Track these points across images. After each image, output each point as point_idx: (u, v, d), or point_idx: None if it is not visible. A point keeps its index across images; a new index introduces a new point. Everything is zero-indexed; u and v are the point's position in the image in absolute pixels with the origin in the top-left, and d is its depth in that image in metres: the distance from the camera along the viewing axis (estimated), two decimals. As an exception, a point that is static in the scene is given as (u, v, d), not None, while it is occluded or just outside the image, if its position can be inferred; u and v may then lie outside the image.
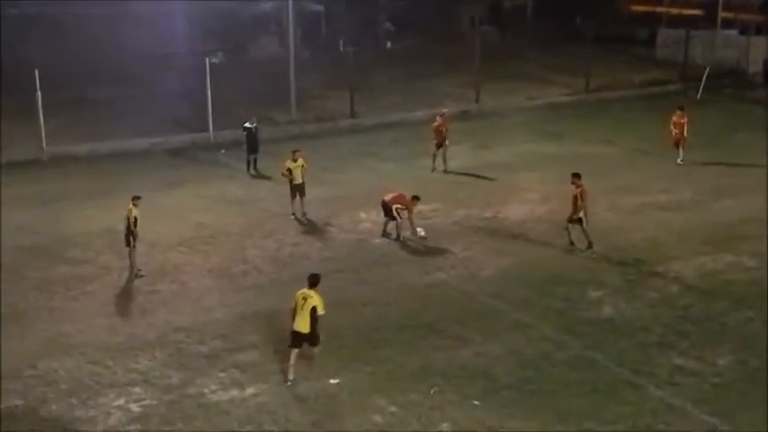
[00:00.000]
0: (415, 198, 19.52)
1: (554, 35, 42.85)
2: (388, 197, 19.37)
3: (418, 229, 19.38)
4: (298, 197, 20.70)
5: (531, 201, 21.76)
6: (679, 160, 24.72)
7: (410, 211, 19.23)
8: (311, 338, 13.31)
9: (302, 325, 13.18)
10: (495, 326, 15.29)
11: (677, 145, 24.76)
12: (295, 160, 20.77)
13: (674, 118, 24.88)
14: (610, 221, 20.43)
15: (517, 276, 17.41)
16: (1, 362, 13.84)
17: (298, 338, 13.31)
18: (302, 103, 31.02)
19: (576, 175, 18.52)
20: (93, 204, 21.83)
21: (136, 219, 17.22)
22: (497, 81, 34.38)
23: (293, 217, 20.67)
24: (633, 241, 19.17)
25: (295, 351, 13.38)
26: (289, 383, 13.37)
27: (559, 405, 12.84)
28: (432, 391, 13.17)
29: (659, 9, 44.93)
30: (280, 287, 16.86)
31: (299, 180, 20.63)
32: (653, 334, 14.97)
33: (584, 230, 18.51)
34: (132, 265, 17.46)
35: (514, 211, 21.15)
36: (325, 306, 13.22)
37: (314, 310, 13.10)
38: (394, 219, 19.30)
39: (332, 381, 13.48)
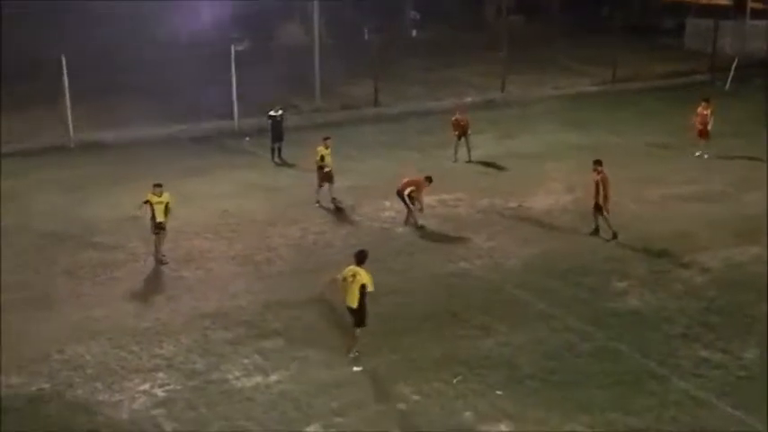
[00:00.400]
0: (428, 179, 19.55)
1: (581, 25, 42.49)
2: (400, 185, 19.39)
3: (419, 220, 19.48)
4: (326, 185, 20.71)
5: (556, 190, 21.65)
6: (697, 153, 24.29)
7: (419, 191, 19.32)
8: (358, 317, 13.57)
9: (351, 300, 13.47)
10: (520, 316, 15.25)
11: (701, 137, 24.42)
12: (327, 147, 20.79)
13: (699, 109, 24.50)
14: (635, 212, 20.29)
15: (542, 266, 17.35)
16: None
17: (351, 313, 13.63)
18: (327, 91, 31.02)
19: (598, 162, 18.50)
20: (119, 191, 21.97)
21: (157, 206, 17.38)
22: (523, 70, 34.18)
23: (318, 204, 20.70)
24: (659, 232, 19.03)
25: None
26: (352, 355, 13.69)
27: (583, 396, 12.80)
28: (455, 380, 13.18)
29: (688, -1, 44.45)
30: (303, 275, 16.94)
31: (330, 167, 20.66)
32: (678, 326, 14.87)
33: (605, 219, 18.42)
34: (157, 251, 17.60)
35: (539, 201, 21.06)
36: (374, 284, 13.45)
37: (363, 287, 13.35)
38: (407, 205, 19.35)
39: (355, 368, 13.52)
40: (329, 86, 31.33)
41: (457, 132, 24.24)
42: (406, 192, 19.29)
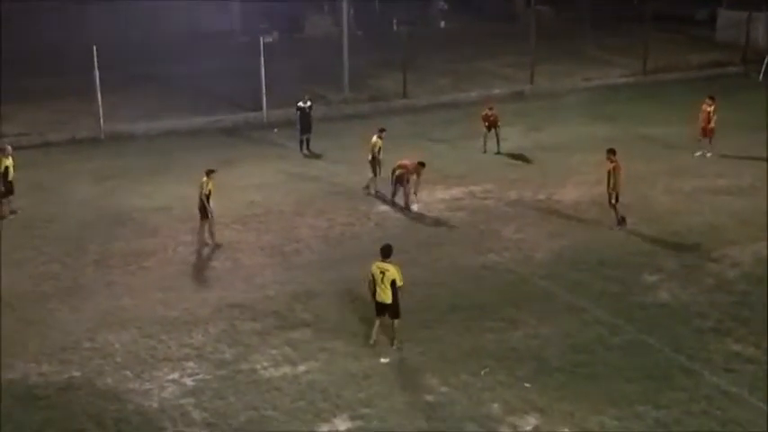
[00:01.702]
0: (421, 164, 19.76)
1: (611, 15, 42.09)
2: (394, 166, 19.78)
3: (413, 206, 19.67)
4: (375, 174, 20.77)
5: (585, 183, 21.47)
6: (697, 153, 23.43)
7: (416, 175, 19.69)
8: (394, 310, 13.68)
9: (384, 296, 13.57)
10: (548, 308, 15.17)
11: (704, 135, 23.42)
12: (382, 138, 20.77)
13: (703, 106, 23.41)
14: (666, 205, 20.09)
15: (571, 259, 17.24)
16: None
17: (382, 308, 13.71)
18: (355, 82, 30.99)
19: (611, 151, 18.62)
20: (149, 181, 22.16)
21: (210, 192, 17.65)
22: (552, 62, 33.91)
23: (368, 193, 20.79)
24: (690, 225, 18.83)
25: (378, 320, 13.81)
26: (371, 342, 13.78)
27: (612, 389, 12.71)
28: (483, 372, 13.14)
29: (720, -11, 43.75)
30: (331, 266, 16.96)
31: (381, 157, 20.72)
32: (709, 320, 14.71)
33: (614, 206, 18.48)
34: (200, 238, 17.85)
35: (568, 194, 20.91)
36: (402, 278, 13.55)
37: (394, 282, 13.46)
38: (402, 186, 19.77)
39: (383, 360, 13.53)
40: (357, 78, 31.30)
41: (486, 124, 24.15)
42: (396, 174, 19.57)
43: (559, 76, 33.56)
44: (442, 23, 45.37)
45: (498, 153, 24.10)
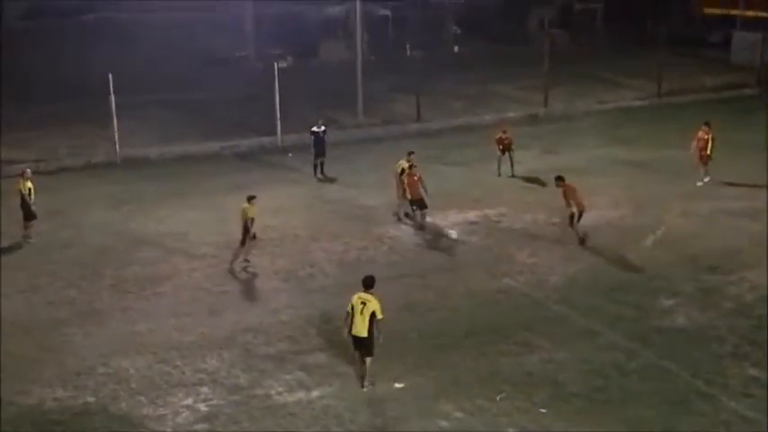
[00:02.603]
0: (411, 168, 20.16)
1: (625, 38, 42.16)
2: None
3: (450, 231, 19.63)
4: (404, 200, 20.70)
5: (600, 206, 21.37)
6: (699, 182, 22.89)
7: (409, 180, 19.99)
8: (367, 346, 13.21)
9: (360, 329, 13.12)
10: (564, 333, 15.07)
11: (701, 162, 22.89)
12: (409, 161, 20.79)
13: (699, 134, 22.94)
14: (683, 228, 19.98)
15: (586, 283, 17.14)
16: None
17: (356, 343, 13.32)
18: (369, 106, 31.11)
19: (559, 178, 19.18)
20: (164, 206, 22.25)
21: (252, 218, 17.80)
22: (566, 85, 33.96)
23: (396, 218, 20.74)
24: (707, 248, 18.70)
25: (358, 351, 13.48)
26: (366, 388, 13.39)
27: (629, 415, 12.58)
28: (498, 397, 13.05)
29: (734, 11, 43.73)
30: (346, 290, 16.74)
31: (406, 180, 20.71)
32: (727, 344, 14.57)
33: (573, 226, 18.93)
34: (236, 256, 18.07)
35: (584, 217, 20.74)
36: (383, 310, 13.20)
37: (373, 314, 13.05)
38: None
39: (397, 385, 13.46)
40: (371, 102, 31.42)
41: (500, 147, 24.16)
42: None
43: (573, 98, 33.60)
44: (456, 48, 45.56)
45: (513, 176, 24.08)
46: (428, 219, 20.41)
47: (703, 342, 14.66)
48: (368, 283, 13.34)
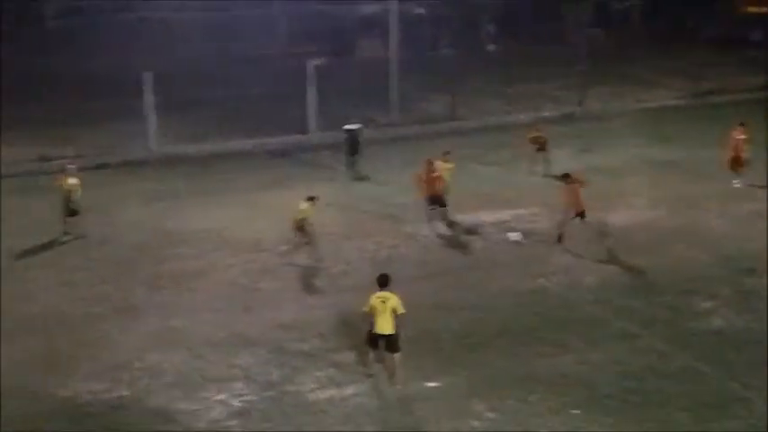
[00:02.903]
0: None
1: (663, 37, 41.68)
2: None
3: (512, 234, 19.43)
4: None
5: (636, 206, 21.20)
6: (735, 183, 22.50)
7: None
8: (394, 342, 13.19)
9: (386, 327, 13.11)
10: (598, 334, 14.93)
11: (735, 165, 22.50)
12: (446, 161, 20.78)
13: (733, 134, 22.52)
14: (721, 229, 19.73)
15: (621, 284, 16.99)
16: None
17: (381, 341, 13.28)
18: (404, 105, 31.10)
19: (567, 176, 19.12)
20: (199, 203, 22.43)
21: (304, 218, 17.99)
22: (603, 84, 33.69)
23: (442, 217, 20.63)
24: (744, 250, 18.43)
25: (373, 352, 13.47)
26: (398, 385, 13.37)
27: (664, 417, 12.44)
28: (531, 398, 12.96)
29: (776, 10, 43.11)
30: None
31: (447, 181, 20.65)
32: (764, 347, 14.32)
33: (562, 222, 18.84)
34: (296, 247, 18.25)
35: (619, 217, 20.63)
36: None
37: (394, 311, 13.08)
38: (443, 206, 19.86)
39: (430, 384, 13.42)
40: (406, 100, 31.41)
41: (535, 147, 24.03)
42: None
43: (610, 98, 33.32)
44: (491, 46, 45.38)
45: (548, 176, 23.92)
46: (462, 217, 20.36)
47: (740, 345, 14.45)
48: (383, 282, 13.36)
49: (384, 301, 13.10)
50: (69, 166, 20.45)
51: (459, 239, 19.69)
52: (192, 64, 36.46)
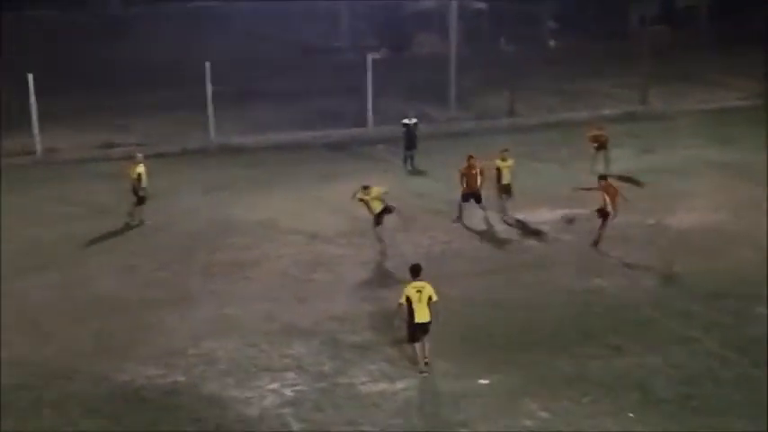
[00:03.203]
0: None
1: (730, 36, 40.71)
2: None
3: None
4: (504, 197, 20.58)
5: (697, 209, 20.76)
6: None
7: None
8: (429, 329, 13.43)
9: (424, 315, 13.31)
10: (655, 337, 14.66)
11: None
12: (504, 159, 20.66)
13: None
14: (784, 234, 19.20)
15: (680, 287, 16.65)
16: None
17: (420, 330, 13.41)
18: (462, 100, 30.95)
19: (603, 177, 18.92)
20: (255, 193, 22.63)
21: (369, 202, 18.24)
22: (666, 83, 33.04)
23: (509, 221, 20.52)
24: (810, 257, 17.91)
25: (418, 343, 13.50)
26: (425, 374, 13.39)
27: (721, 425, 12.16)
28: (585, 400, 12.78)
29: None
30: (431, 284, 16.81)
31: (506, 180, 20.50)
32: (828, 357, 13.94)
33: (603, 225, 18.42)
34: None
35: (679, 219, 20.23)
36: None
37: (430, 298, 13.28)
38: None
39: (482, 381, 13.33)
40: (464, 96, 31.25)
41: (595, 145, 23.69)
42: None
43: (673, 97, 32.69)
44: (552, 42, 44.88)
45: (607, 175, 23.51)
46: (519, 216, 20.19)
47: (803, 353, 14.07)
48: (416, 271, 13.58)
49: (419, 291, 13.31)
50: (138, 155, 20.72)
51: (514, 237, 19.51)
52: (253, 55, 36.76)
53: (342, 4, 42.65)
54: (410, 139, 24.77)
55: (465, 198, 20.20)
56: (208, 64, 27.03)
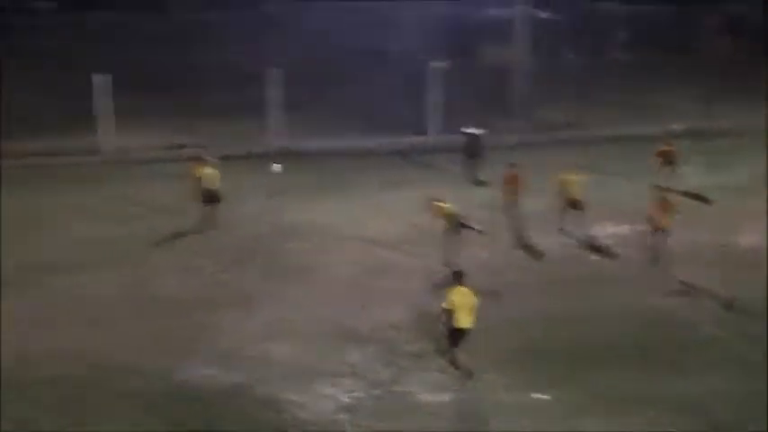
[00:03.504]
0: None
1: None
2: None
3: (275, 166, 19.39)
4: (571, 212, 20.38)
5: (765, 228, 20.22)
6: None
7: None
8: (468, 334, 13.46)
9: (467, 320, 13.32)
10: (719, 359, 14.36)
11: None
12: (576, 174, 20.42)
13: None
14: None
15: (746, 309, 16.22)
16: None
17: (461, 336, 13.43)
18: (525, 111, 30.68)
19: (661, 188, 18.87)
20: (317, 198, 22.76)
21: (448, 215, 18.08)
22: (737, 97, 32.30)
23: (560, 230, 20.37)
24: None
25: (458, 349, 13.55)
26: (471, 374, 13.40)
27: (786, 452, 11.84)
28: (643, 420, 12.56)
29: None
30: (490, 296, 16.70)
31: (576, 195, 20.25)
32: None
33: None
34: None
35: (748, 239, 19.76)
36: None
37: (473, 305, 13.33)
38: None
39: (540, 395, 13.19)
40: (528, 107, 30.97)
41: (662, 160, 23.28)
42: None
43: (743, 112, 31.90)
44: (619, 54, 44.29)
45: (674, 191, 23.10)
46: (583, 230, 19.97)
47: None
48: (459, 278, 13.64)
49: (464, 297, 13.33)
50: (208, 158, 20.83)
51: (577, 251, 19.29)
52: (317, 60, 37.07)
53: (408, 12, 42.77)
54: (473, 149, 24.67)
55: (506, 207, 19.94)
56: (270, 69, 27.33)
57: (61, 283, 17.20)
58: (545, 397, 13.16)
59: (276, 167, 19.12)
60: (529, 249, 19.41)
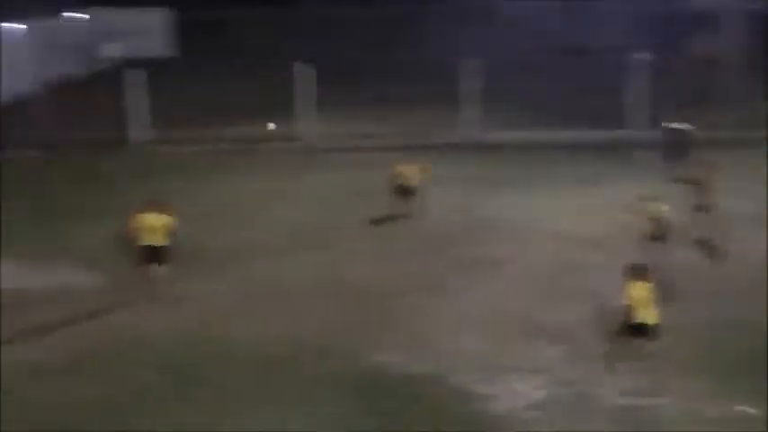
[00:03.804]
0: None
1: None
2: None
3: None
4: None
5: None
6: None
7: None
8: (651, 332, 13.00)
9: (650, 317, 12.89)
10: None
11: None
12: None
13: None
14: None
15: None
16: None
17: (639, 332, 12.99)
18: (735, 108, 28.92)
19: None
20: (511, 192, 22.53)
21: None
22: None
23: None
24: None
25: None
26: None
27: None
28: None
29: None
30: (698, 299, 15.84)
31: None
32: None
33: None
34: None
35: None
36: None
37: (654, 299, 12.85)
38: None
39: (746, 408, 12.32)
40: (739, 102, 29.19)
41: None
42: None
43: None
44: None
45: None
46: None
47: None
48: (640, 271, 13.10)
49: (644, 291, 12.84)
50: (422, 163, 20.80)
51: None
52: (516, 52, 36.70)
53: (611, 3, 41.50)
54: (677, 146, 23.55)
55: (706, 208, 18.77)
56: (465, 61, 27.35)
57: (261, 265, 17.96)
58: (751, 410, 12.30)
59: (271, 126, 19.44)
60: (722, 253, 18.19)
